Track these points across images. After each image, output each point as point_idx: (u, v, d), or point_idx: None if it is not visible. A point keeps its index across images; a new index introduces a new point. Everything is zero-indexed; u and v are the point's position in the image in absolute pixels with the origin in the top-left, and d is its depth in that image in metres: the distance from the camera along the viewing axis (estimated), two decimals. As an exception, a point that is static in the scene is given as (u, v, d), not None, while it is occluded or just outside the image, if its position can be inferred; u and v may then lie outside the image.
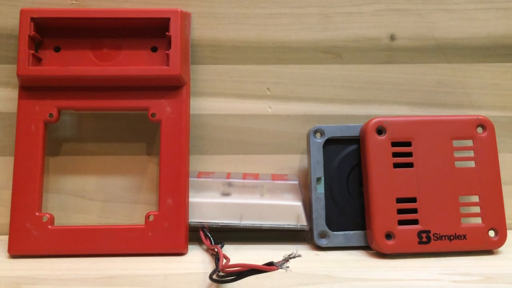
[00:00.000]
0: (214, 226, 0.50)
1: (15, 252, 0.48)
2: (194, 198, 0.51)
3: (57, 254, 0.48)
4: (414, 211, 0.48)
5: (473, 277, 0.43)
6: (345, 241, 0.50)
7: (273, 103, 0.56)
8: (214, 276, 0.39)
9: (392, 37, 0.57)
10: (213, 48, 0.56)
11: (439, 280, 0.42)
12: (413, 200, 0.48)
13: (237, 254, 0.48)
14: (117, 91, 0.51)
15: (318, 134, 0.52)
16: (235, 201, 0.51)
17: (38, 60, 0.52)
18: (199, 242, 0.51)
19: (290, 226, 0.51)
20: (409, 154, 0.49)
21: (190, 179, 0.51)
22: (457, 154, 0.50)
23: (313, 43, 0.56)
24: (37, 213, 0.49)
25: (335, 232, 0.50)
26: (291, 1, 0.56)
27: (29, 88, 0.51)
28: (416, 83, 0.57)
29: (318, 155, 0.51)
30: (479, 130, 0.50)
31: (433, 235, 0.48)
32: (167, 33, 0.51)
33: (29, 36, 0.50)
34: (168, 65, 0.50)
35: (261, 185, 0.52)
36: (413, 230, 0.48)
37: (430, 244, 0.48)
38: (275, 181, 0.52)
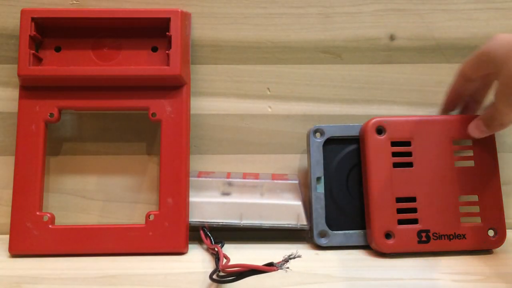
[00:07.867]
0: (214, 225, 0.50)
1: (16, 252, 0.48)
2: (194, 198, 0.51)
3: (57, 253, 0.48)
4: (414, 210, 0.48)
5: (472, 276, 0.43)
6: (345, 240, 0.50)
7: (273, 103, 0.56)
8: (214, 276, 0.39)
9: (392, 37, 0.57)
10: (213, 48, 0.56)
11: (439, 279, 0.42)
12: (413, 199, 0.48)
13: (237, 253, 0.48)
14: (118, 91, 0.51)
15: (318, 134, 0.52)
16: (235, 200, 0.51)
17: (38, 60, 0.52)
18: (199, 241, 0.51)
19: (290, 226, 0.51)
20: (409, 154, 0.49)
21: (190, 178, 0.52)
22: (456, 154, 0.50)
23: (312, 43, 0.56)
24: (37, 213, 0.49)
25: (335, 232, 0.50)
26: (291, 1, 0.57)
27: (30, 88, 0.51)
28: (416, 83, 0.57)
29: (318, 155, 0.51)
30: (479, 130, 0.50)
31: (433, 234, 0.48)
32: (167, 33, 0.51)
33: (29, 36, 0.50)
34: (168, 65, 0.50)
35: (261, 185, 0.52)
36: (413, 229, 0.48)
37: (429, 243, 0.48)
38: (275, 181, 0.52)
